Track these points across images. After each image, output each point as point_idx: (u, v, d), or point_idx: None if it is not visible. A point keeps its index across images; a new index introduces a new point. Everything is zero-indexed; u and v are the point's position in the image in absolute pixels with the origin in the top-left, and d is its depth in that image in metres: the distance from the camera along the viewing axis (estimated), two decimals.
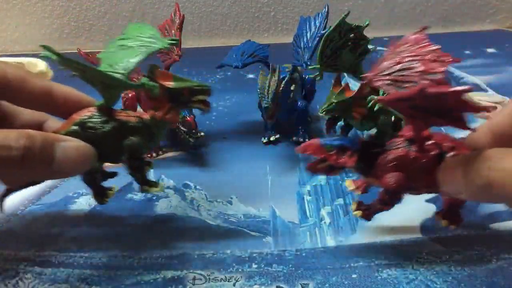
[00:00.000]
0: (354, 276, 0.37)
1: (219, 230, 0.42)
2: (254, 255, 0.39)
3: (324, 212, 0.44)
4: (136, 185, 0.48)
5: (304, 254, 0.39)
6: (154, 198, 0.46)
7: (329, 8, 0.53)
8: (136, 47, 0.38)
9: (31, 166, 0.30)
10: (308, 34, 0.53)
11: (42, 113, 0.40)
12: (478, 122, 0.41)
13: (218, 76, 0.72)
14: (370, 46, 0.47)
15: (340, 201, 0.46)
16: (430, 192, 0.36)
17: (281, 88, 0.49)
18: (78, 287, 0.36)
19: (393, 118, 0.47)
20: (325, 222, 0.43)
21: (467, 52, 0.77)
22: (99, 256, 0.39)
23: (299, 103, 0.54)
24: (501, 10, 0.86)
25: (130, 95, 0.54)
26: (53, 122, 0.40)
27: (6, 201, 0.38)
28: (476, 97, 0.63)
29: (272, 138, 0.55)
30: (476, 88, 0.66)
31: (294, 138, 0.54)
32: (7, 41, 0.84)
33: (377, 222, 0.42)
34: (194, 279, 0.37)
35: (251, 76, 0.71)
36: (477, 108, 0.28)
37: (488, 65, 0.73)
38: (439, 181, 0.32)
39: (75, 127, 0.35)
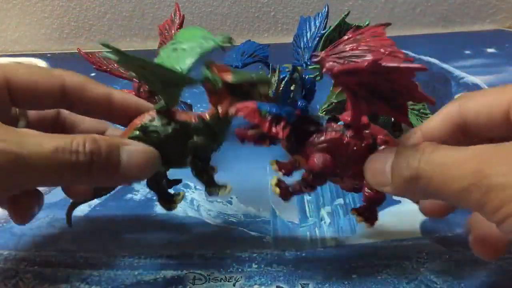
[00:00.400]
0: (354, 276, 0.37)
1: (219, 230, 0.42)
2: (254, 255, 0.39)
3: (324, 212, 0.44)
4: (135, 184, 0.48)
5: (304, 254, 0.39)
6: (154, 198, 0.46)
7: (329, 8, 0.53)
8: (189, 49, 0.36)
9: (98, 171, 0.30)
10: (308, 34, 0.53)
11: (102, 121, 0.39)
12: None
13: None
14: None
15: (340, 201, 0.46)
16: (353, 184, 0.35)
17: (281, 88, 0.49)
18: (78, 287, 0.37)
19: (393, 118, 0.47)
20: (325, 222, 0.43)
21: (467, 52, 0.77)
22: (99, 256, 0.39)
23: (299, 103, 0.54)
24: (501, 10, 0.86)
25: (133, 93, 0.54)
26: (114, 130, 0.39)
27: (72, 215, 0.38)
28: None
29: None
30: (476, 88, 0.66)
31: None
32: (7, 41, 0.83)
33: (377, 222, 0.42)
34: (194, 279, 0.37)
35: None
36: (423, 97, 0.28)
37: (488, 65, 0.73)
38: (365, 171, 0.31)
39: (137, 132, 0.34)
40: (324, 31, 0.50)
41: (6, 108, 0.34)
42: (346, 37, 0.35)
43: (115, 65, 0.52)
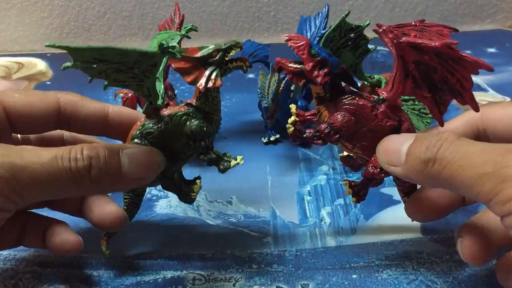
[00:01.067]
0: (354, 276, 0.37)
1: (219, 230, 0.42)
2: (254, 255, 0.39)
3: (324, 212, 0.44)
4: None
5: (304, 255, 0.39)
6: (154, 198, 0.46)
7: (329, 8, 0.53)
8: (155, 41, 0.35)
9: (99, 176, 0.30)
10: (308, 34, 0.53)
11: (101, 140, 0.40)
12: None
13: None
14: (370, 46, 0.47)
15: (340, 201, 0.45)
16: (360, 155, 0.35)
17: (281, 88, 0.49)
18: (78, 287, 0.36)
19: None
20: (325, 222, 0.43)
21: (467, 52, 0.77)
22: (99, 256, 0.39)
23: (299, 103, 0.54)
24: (501, 10, 0.86)
25: (130, 95, 0.54)
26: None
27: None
28: (477, 97, 0.63)
29: (272, 138, 0.55)
30: (476, 88, 0.66)
31: None
32: (7, 41, 0.83)
33: (377, 222, 0.42)
34: (194, 279, 0.37)
35: (251, 76, 0.71)
36: (472, 99, 0.29)
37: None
38: (379, 147, 0.31)
39: (136, 140, 0.34)
40: (324, 31, 0.50)
41: (6, 135, 0.35)
42: (413, 22, 0.35)
43: None
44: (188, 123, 0.35)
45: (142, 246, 0.40)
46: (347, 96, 0.34)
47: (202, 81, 0.34)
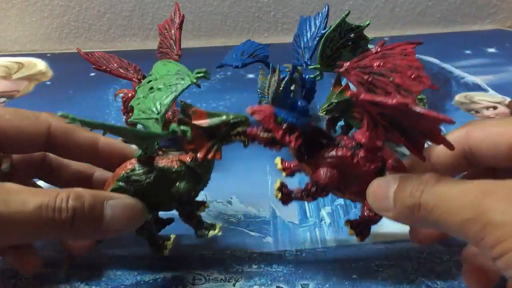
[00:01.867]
0: (354, 276, 0.37)
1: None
2: (254, 255, 0.39)
3: (324, 212, 0.44)
4: None
5: (304, 254, 0.39)
6: None
7: (329, 8, 0.53)
8: (165, 88, 0.37)
9: (81, 227, 0.30)
10: (308, 34, 0.53)
11: (89, 165, 0.39)
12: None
13: (218, 76, 0.72)
14: (370, 46, 0.47)
15: (340, 201, 0.45)
16: (353, 199, 0.35)
17: (281, 88, 0.49)
18: (78, 287, 0.36)
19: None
20: (325, 222, 0.43)
21: (467, 52, 0.77)
22: (99, 256, 0.39)
23: (299, 103, 0.54)
24: (501, 10, 0.86)
25: (130, 95, 0.54)
26: (102, 172, 0.39)
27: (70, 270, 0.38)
28: (477, 97, 0.63)
29: None
30: (476, 88, 0.66)
31: None
32: (7, 41, 0.83)
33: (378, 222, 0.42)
34: (194, 279, 0.37)
35: (251, 76, 0.71)
36: (444, 141, 0.28)
37: (488, 65, 0.73)
38: (368, 194, 0.31)
39: (121, 183, 0.34)
40: (324, 31, 0.50)
41: None
42: (374, 50, 0.35)
43: (115, 64, 0.52)
44: (177, 183, 0.35)
45: (142, 246, 0.40)
46: (324, 149, 0.33)
47: (203, 152, 0.34)
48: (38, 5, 0.81)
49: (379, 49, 0.35)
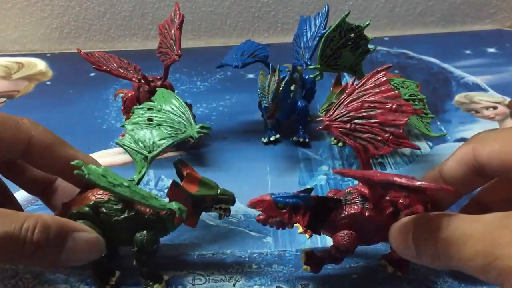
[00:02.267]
0: (354, 276, 0.37)
1: (219, 230, 0.42)
2: (254, 255, 0.39)
3: None
4: None
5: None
6: None
7: (329, 8, 0.53)
8: (164, 128, 0.37)
9: (40, 257, 0.30)
10: (308, 34, 0.53)
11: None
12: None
13: (218, 76, 0.72)
14: (370, 46, 0.47)
15: None
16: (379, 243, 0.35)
17: (281, 88, 0.49)
18: (78, 287, 0.36)
19: None
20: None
21: (467, 52, 0.77)
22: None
23: (299, 103, 0.54)
24: (501, 10, 0.86)
25: (130, 95, 0.54)
26: (63, 182, 0.38)
27: None
28: (477, 97, 0.63)
29: (272, 138, 0.55)
30: (476, 88, 0.66)
31: (294, 138, 0.54)
32: (7, 40, 0.83)
33: None
34: (194, 279, 0.37)
35: (251, 76, 0.71)
36: (436, 191, 0.29)
37: (488, 65, 0.72)
38: (391, 243, 0.32)
39: (87, 209, 0.34)
40: (324, 31, 0.50)
41: None
42: (347, 92, 0.35)
43: (115, 64, 0.52)
44: (144, 231, 0.34)
45: None
46: (334, 213, 0.33)
47: (183, 216, 0.34)
48: (38, 5, 0.81)
49: (351, 90, 0.35)
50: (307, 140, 0.54)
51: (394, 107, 0.34)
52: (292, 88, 0.53)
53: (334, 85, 0.49)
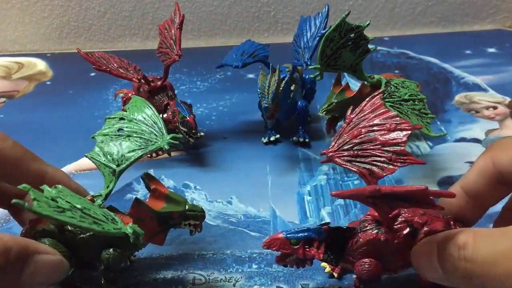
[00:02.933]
0: (354, 276, 0.37)
1: (219, 230, 0.42)
2: (254, 255, 0.39)
3: (324, 212, 0.44)
4: (135, 185, 0.48)
5: None
6: None
7: (329, 7, 0.52)
8: (134, 139, 0.36)
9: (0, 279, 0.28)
10: (308, 34, 0.53)
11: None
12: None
13: (218, 76, 0.72)
14: (370, 46, 0.47)
15: (340, 201, 0.45)
16: (406, 269, 0.34)
17: (281, 88, 0.49)
18: (79, 287, 0.36)
19: None
20: None
21: (467, 52, 0.77)
22: None
23: (299, 103, 0.54)
24: (501, 10, 0.86)
25: (130, 95, 0.53)
26: (56, 170, 0.37)
27: None
28: (477, 97, 0.63)
29: (272, 138, 0.55)
30: (476, 88, 0.66)
31: (294, 138, 0.54)
32: (7, 40, 0.83)
33: None
34: (194, 279, 0.37)
35: (251, 76, 0.71)
36: (432, 204, 0.28)
37: (488, 65, 0.72)
38: (416, 268, 0.31)
39: (53, 227, 0.33)
40: (324, 31, 0.50)
41: None
42: (345, 122, 0.35)
43: (115, 64, 0.52)
44: (111, 249, 0.33)
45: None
46: (350, 242, 0.33)
47: (147, 237, 0.33)
48: (38, 5, 0.81)
49: (351, 118, 0.35)
50: (307, 140, 0.54)
51: (392, 126, 0.34)
52: (292, 88, 0.53)
53: (334, 85, 0.49)
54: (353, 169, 0.34)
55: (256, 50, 0.55)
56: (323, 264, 0.36)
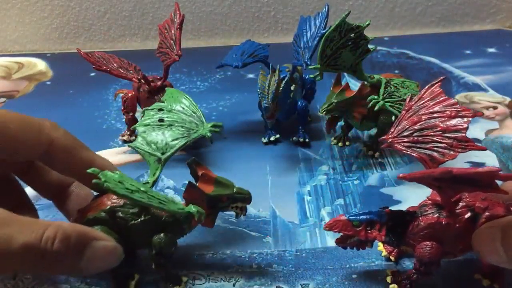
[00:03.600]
0: (354, 276, 0.37)
1: (219, 230, 0.42)
2: (254, 255, 0.39)
3: (324, 212, 0.44)
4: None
5: (304, 254, 0.39)
6: None
7: (329, 7, 0.53)
8: (176, 129, 0.37)
9: (59, 266, 0.30)
10: (308, 34, 0.53)
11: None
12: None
13: (218, 76, 0.72)
14: (370, 46, 0.47)
15: (340, 201, 0.45)
16: (465, 253, 0.34)
17: (281, 88, 0.49)
18: (78, 287, 0.36)
19: (393, 118, 0.47)
20: (325, 222, 0.43)
21: (467, 52, 0.77)
22: None
23: (299, 103, 0.54)
24: (501, 10, 0.86)
25: (130, 95, 0.54)
26: (79, 185, 0.38)
27: None
28: (477, 97, 0.63)
29: (272, 138, 0.55)
30: (476, 88, 0.66)
31: (294, 138, 0.54)
32: (7, 40, 0.83)
33: None
34: (194, 279, 0.37)
35: (251, 76, 0.71)
36: (496, 187, 0.28)
37: (488, 65, 0.73)
38: (479, 251, 0.31)
39: (104, 214, 0.34)
40: (324, 31, 0.50)
41: None
42: (404, 109, 0.36)
43: (115, 64, 0.52)
44: (162, 234, 0.34)
45: None
46: (411, 225, 0.33)
47: (202, 218, 0.34)
48: (38, 5, 0.81)
49: (410, 105, 0.36)
50: (307, 140, 0.54)
51: (453, 113, 0.34)
52: (292, 88, 0.53)
53: (334, 85, 0.49)
54: (414, 154, 0.35)
55: (256, 50, 0.55)
56: (380, 247, 0.37)
